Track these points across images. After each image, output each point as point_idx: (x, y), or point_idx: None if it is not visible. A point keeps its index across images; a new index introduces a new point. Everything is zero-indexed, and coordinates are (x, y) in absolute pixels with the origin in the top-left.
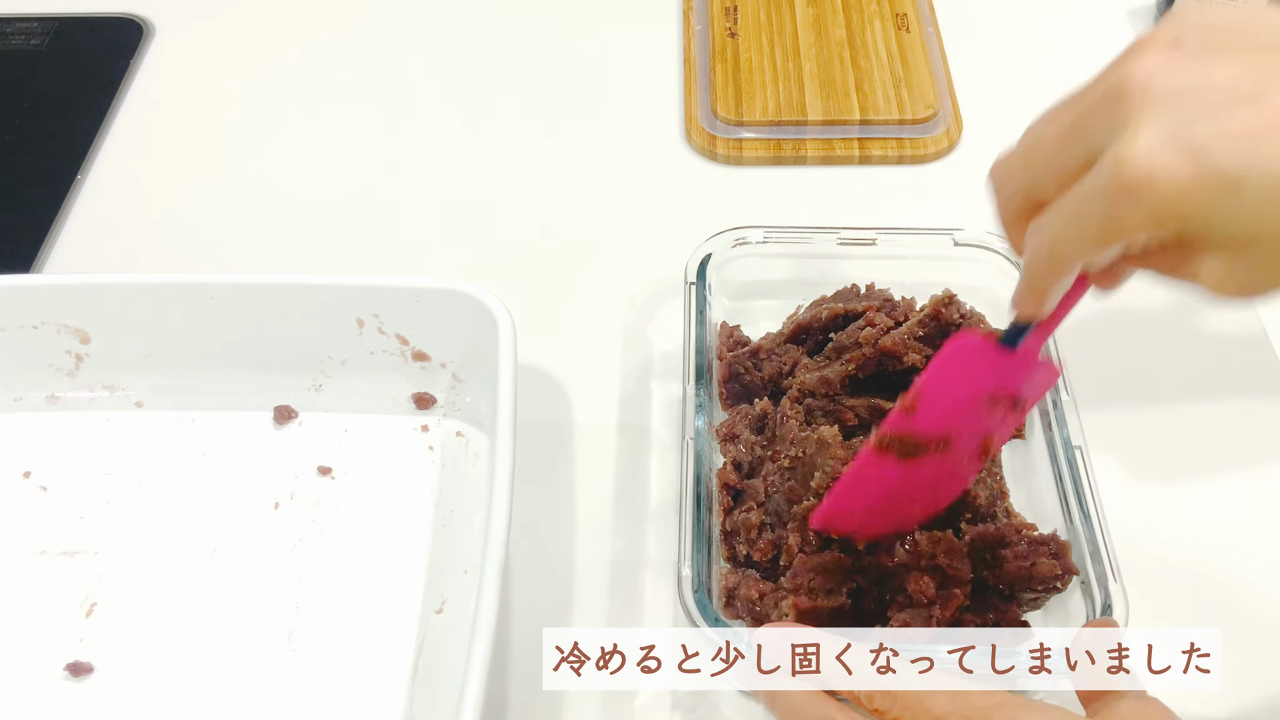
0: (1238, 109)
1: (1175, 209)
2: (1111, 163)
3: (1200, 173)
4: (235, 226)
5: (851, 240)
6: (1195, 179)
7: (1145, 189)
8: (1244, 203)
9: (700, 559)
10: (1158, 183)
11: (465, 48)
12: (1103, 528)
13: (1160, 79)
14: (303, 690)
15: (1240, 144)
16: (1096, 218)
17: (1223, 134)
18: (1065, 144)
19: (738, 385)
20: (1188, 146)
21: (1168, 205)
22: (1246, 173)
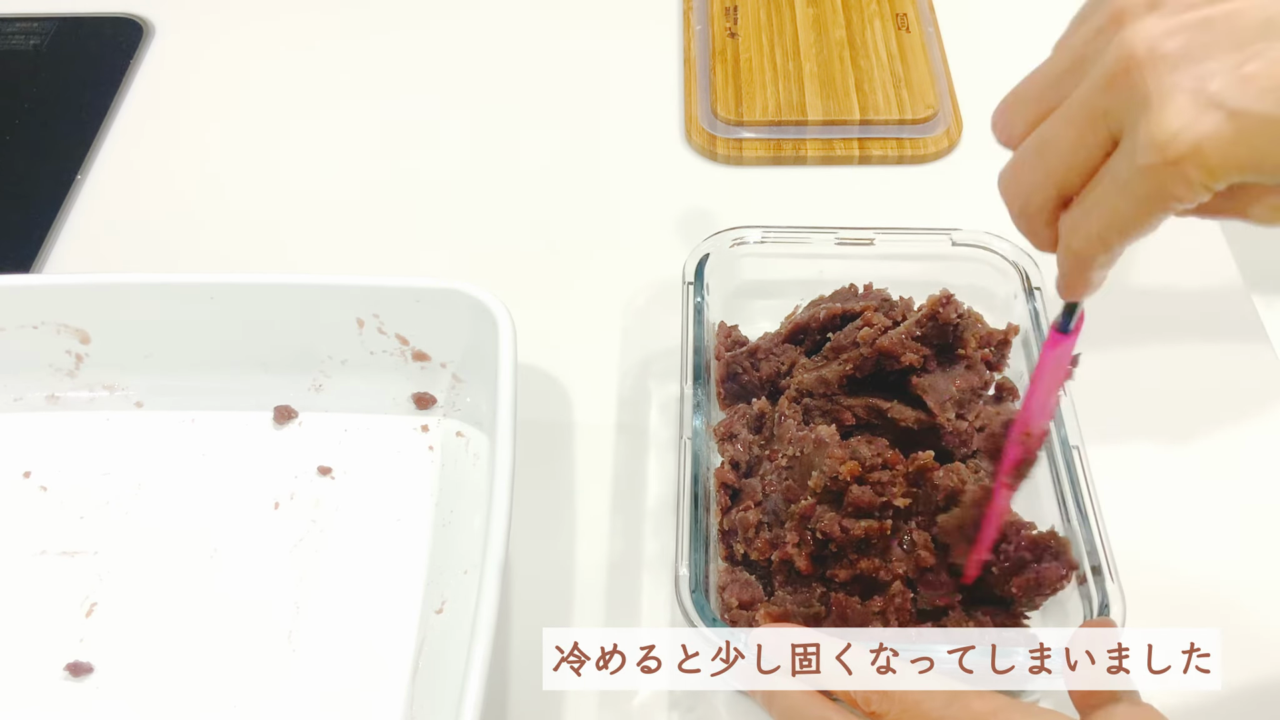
0: (1248, 53)
1: (1226, 169)
2: (1149, 143)
3: (1242, 127)
4: (235, 226)
5: (849, 240)
6: (1238, 135)
7: (1192, 159)
8: None
9: (698, 559)
10: (1204, 150)
11: (465, 48)
12: (1100, 528)
13: (1162, 45)
14: (303, 690)
15: (1268, 91)
16: (1146, 198)
17: (1247, 83)
18: (1084, 135)
19: (735, 385)
20: (1219, 106)
21: (1218, 167)
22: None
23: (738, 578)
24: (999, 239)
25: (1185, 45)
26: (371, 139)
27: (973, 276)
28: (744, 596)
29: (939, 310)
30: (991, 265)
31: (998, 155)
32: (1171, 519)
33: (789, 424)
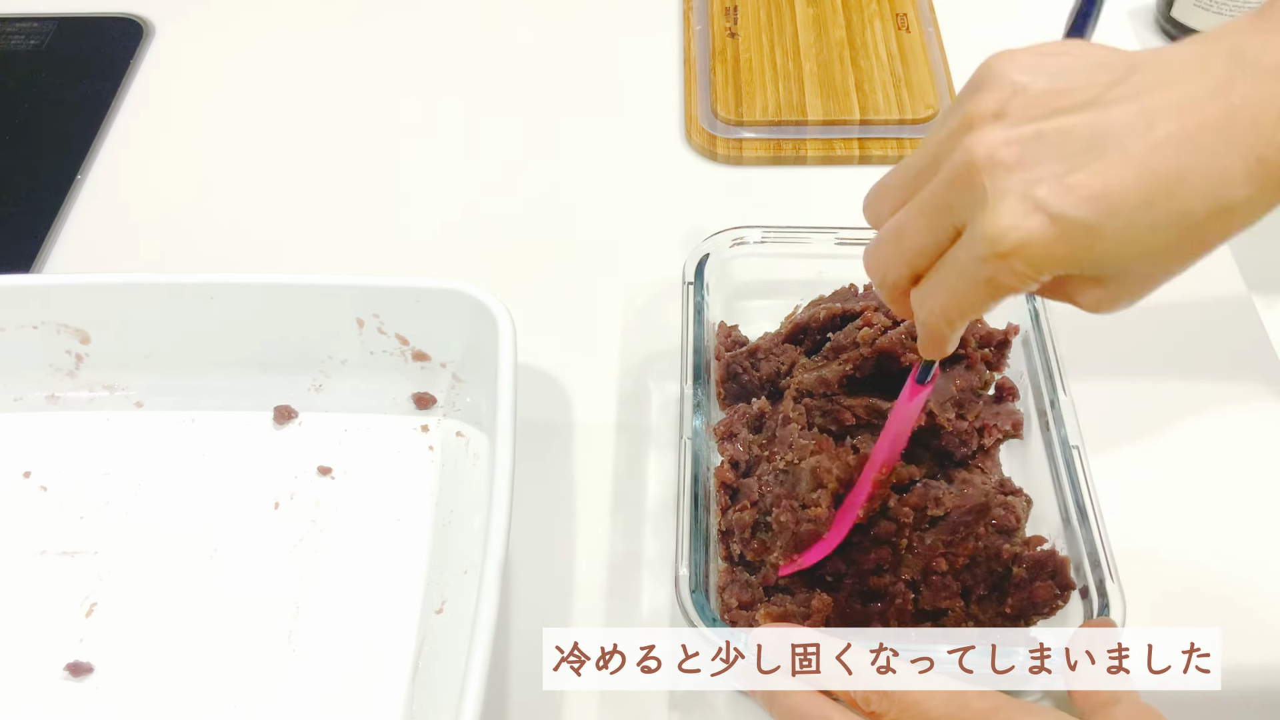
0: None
1: (1047, 264)
2: (982, 238)
3: (1062, 230)
4: (236, 226)
5: (850, 240)
6: (1059, 236)
7: (1018, 254)
8: (1105, 245)
9: (698, 559)
10: (1028, 248)
11: (466, 48)
12: (1100, 528)
13: (999, 152)
14: (303, 690)
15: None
16: (980, 283)
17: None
18: (932, 224)
19: (736, 385)
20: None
21: (1040, 262)
22: (1099, 222)
23: (738, 578)
24: None
25: (1019, 154)
26: (372, 139)
27: None
28: (744, 597)
29: None
30: None
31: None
32: (1171, 519)
33: (793, 428)
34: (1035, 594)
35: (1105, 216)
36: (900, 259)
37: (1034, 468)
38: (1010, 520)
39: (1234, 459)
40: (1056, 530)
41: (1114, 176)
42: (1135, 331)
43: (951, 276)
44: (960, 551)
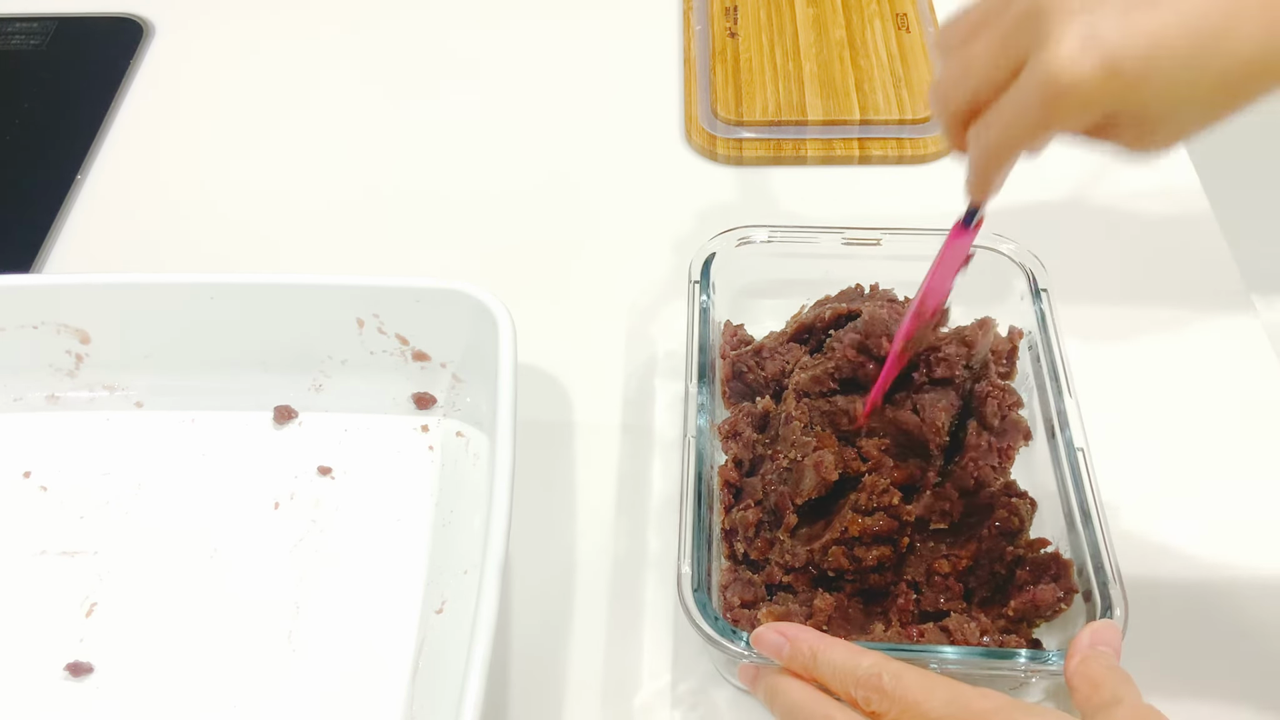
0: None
1: (1097, 103)
2: (1040, 71)
3: (1114, 73)
4: (235, 226)
5: (856, 240)
6: (1111, 78)
7: (1071, 91)
8: (1151, 92)
9: (700, 557)
10: (1081, 85)
11: (466, 48)
12: (1104, 531)
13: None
14: (303, 690)
15: (1142, 45)
16: (1033, 117)
17: (1128, 37)
18: (998, 59)
19: (740, 384)
20: (1101, 51)
21: (1091, 101)
22: (1149, 69)
23: (740, 577)
24: (1005, 240)
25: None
26: (372, 139)
27: (979, 277)
28: (746, 596)
29: None
30: (997, 266)
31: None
32: (1171, 518)
33: (795, 426)
34: (1038, 597)
35: (1154, 61)
36: (964, 87)
37: (1039, 471)
38: (1013, 523)
39: (1234, 459)
40: (1061, 533)
41: (1167, 24)
42: (1136, 332)
43: (1009, 108)
44: (963, 553)
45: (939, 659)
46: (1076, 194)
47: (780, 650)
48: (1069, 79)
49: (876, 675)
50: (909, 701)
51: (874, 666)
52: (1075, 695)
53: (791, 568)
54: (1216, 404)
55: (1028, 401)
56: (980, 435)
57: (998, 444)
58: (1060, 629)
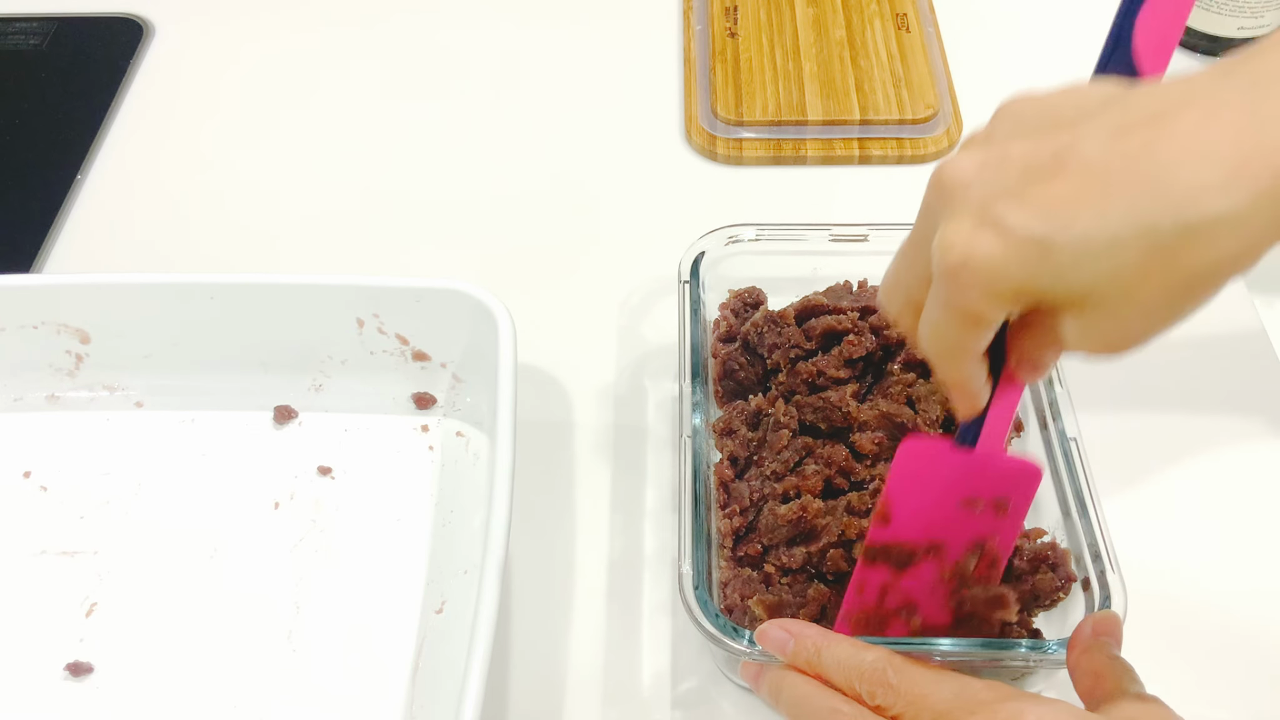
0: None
1: (1002, 282)
2: (935, 254)
3: (1010, 245)
4: (235, 226)
5: (843, 237)
6: (1006, 251)
7: (967, 269)
8: (1061, 261)
9: (700, 556)
10: (975, 261)
11: (466, 48)
12: (1100, 520)
13: (968, 171)
14: (303, 690)
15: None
16: (946, 307)
17: (1023, 206)
18: (916, 252)
19: (732, 382)
20: (993, 223)
21: (994, 279)
22: (1050, 235)
23: (740, 574)
24: None
25: (979, 173)
26: (372, 138)
27: None
28: (746, 593)
29: None
30: None
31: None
32: (1171, 517)
33: (784, 434)
34: (1036, 586)
35: (1057, 229)
36: (898, 288)
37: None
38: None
39: (1234, 458)
40: (1056, 523)
41: (1071, 188)
42: None
43: (931, 308)
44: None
45: (939, 651)
46: None
47: (784, 646)
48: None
49: (881, 670)
50: (915, 695)
51: (879, 661)
52: (1078, 687)
53: (789, 569)
54: (1214, 402)
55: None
56: None
57: None
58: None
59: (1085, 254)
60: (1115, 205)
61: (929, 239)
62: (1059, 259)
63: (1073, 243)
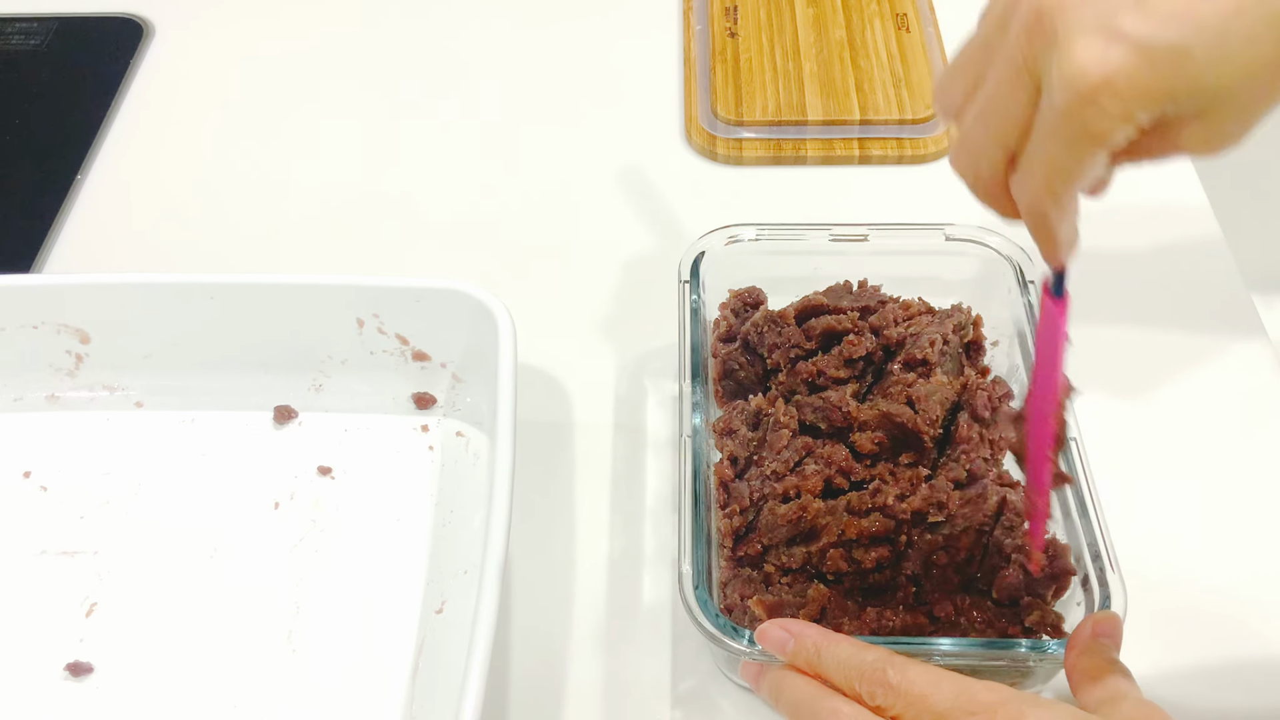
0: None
1: (1139, 99)
2: (1061, 81)
3: (1148, 58)
4: (235, 226)
5: (843, 237)
6: (1145, 65)
7: (1105, 92)
8: (1197, 68)
9: (700, 555)
10: (1115, 82)
11: (465, 48)
12: (1100, 519)
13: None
14: (303, 690)
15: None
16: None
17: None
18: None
19: (732, 382)
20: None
21: (1132, 97)
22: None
23: (740, 574)
24: (992, 233)
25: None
26: (372, 139)
27: (967, 271)
28: (746, 592)
29: None
30: (985, 260)
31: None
32: (1172, 516)
33: (784, 433)
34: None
35: (1193, 33)
36: (990, 141)
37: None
38: (1010, 515)
39: (1233, 458)
40: (1056, 522)
41: None
42: (1134, 330)
43: (1044, 141)
44: (960, 544)
45: (939, 650)
46: None
47: (784, 646)
48: (1097, 78)
49: (882, 670)
50: (915, 695)
51: (879, 661)
52: (1076, 688)
53: (789, 569)
54: (1214, 401)
55: (1018, 394)
56: (971, 427)
57: (989, 435)
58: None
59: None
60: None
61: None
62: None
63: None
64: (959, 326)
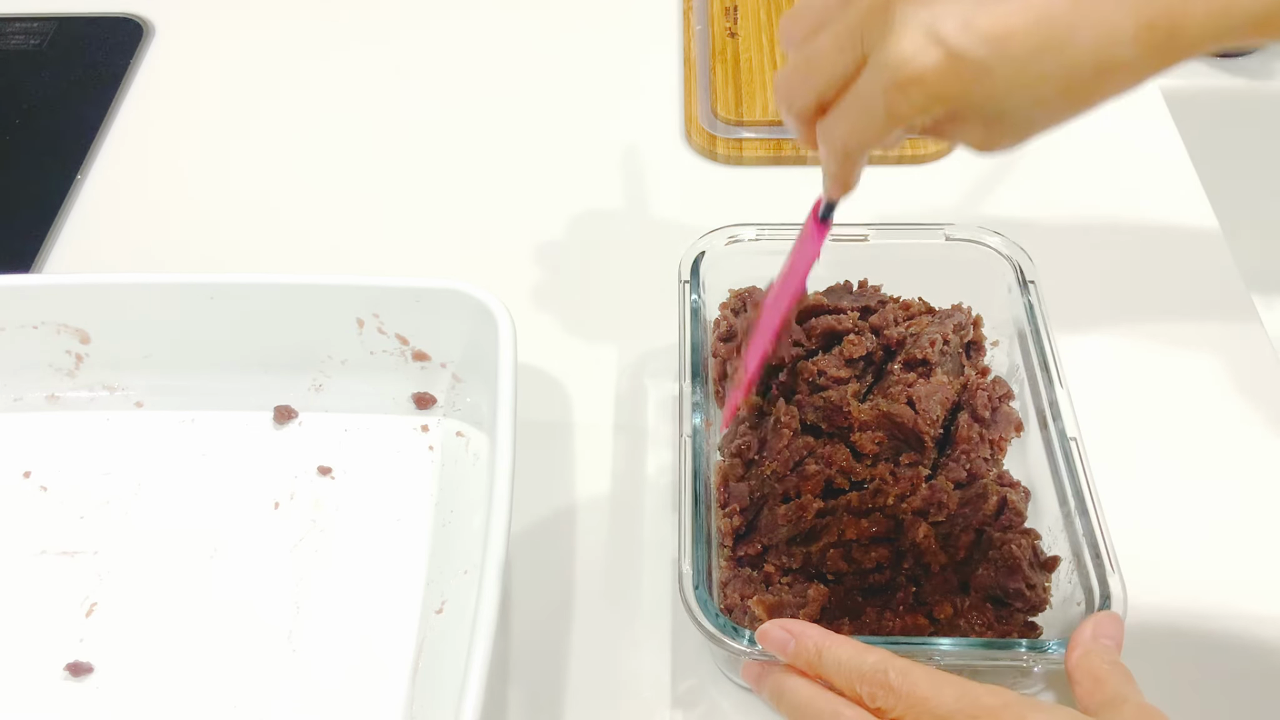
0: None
1: (941, 97)
2: (884, 65)
3: (955, 66)
4: (235, 226)
5: (843, 237)
6: (953, 72)
7: (916, 84)
8: (994, 87)
9: (700, 555)
10: (924, 78)
11: (465, 48)
12: (1100, 520)
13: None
14: (303, 690)
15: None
16: (878, 112)
17: (973, 30)
18: (843, 53)
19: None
20: (946, 45)
21: (935, 94)
22: (990, 63)
23: (740, 574)
24: (992, 234)
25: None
26: (372, 139)
27: (966, 271)
28: (746, 592)
29: None
30: (985, 260)
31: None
32: (1171, 515)
33: (785, 433)
34: (1007, 552)
35: (998, 58)
36: (808, 85)
37: (1032, 461)
38: (1010, 515)
39: (1233, 457)
40: (1057, 523)
41: (1013, 21)
42: (1136, 330)
43: (855, 105)
44: (959, 545)
45: (939, 650)
46: (1076, 193)
47: (785, 647)
48: (912, 72)
49: (883, 672)
50: (917, 698)
51: (880, 663)
52: (1077, 690)
53: (789, 569)
54: (1215, 402)
55: (1018, 393)
56: (971, 427)
57: (989, 435)
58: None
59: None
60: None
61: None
62: (995, 83)
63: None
64: (959, 326)
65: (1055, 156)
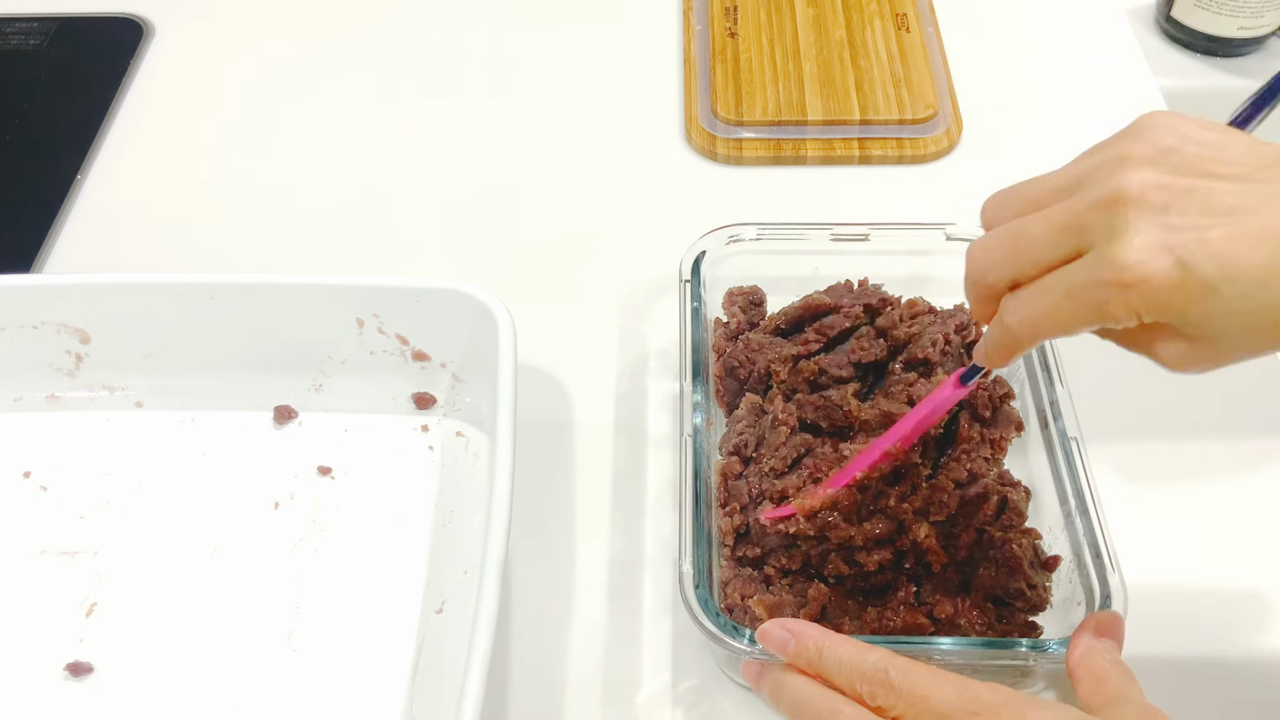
0: (1218, 224)
1: (1161, 306)
2: (1110, 262)
3: (1187, 278)
4: (236, 226)
5: (844, 236)
6: (1182, 283)
7: (1139, 287)
8: (1218, 306)
9: (701, 555)
10: (1151, 283)
11: (465, 48)
12: (1101, 520)
13: (1150, 193)
14: (303, 690)
15: (1220, 256)
16: (1087, 304)
17: (1206, 245)
18: (1059, 238)
19: (734, 381)
20: (1174, 254)
21: (1155, 302)
22: (1222, 282)
23: (740, 573)
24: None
25: (1168, 199)
26: (372, 139)
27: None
28: (747, 592)
29: None
30: None
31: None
32: (1171, 515)
33: (782, 430)
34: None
35: (1225, 280)
36: (1010, 261)
37: (1032, 460)
38: (1010, 514)
39: (1232, 457)
40: (1058, 522)
41: (1245, 246)
42: None
43: (1059, 291)
44: (960, 544)
45: (939, 650)
46: None
47: (785, 646)
48: (1138, 275)
49: (883, 670)
50: (917, 696)
51: (880, 662)
52: (1078, 689)
53: (789, 570)
54: (1214, 401)
55: (1019, 393)
56: (972, 427)
57: (990, 435)
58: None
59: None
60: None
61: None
62: (1215, 305)
63: (1233, 295)
64: (961, 326)
65: (1055, 155)
